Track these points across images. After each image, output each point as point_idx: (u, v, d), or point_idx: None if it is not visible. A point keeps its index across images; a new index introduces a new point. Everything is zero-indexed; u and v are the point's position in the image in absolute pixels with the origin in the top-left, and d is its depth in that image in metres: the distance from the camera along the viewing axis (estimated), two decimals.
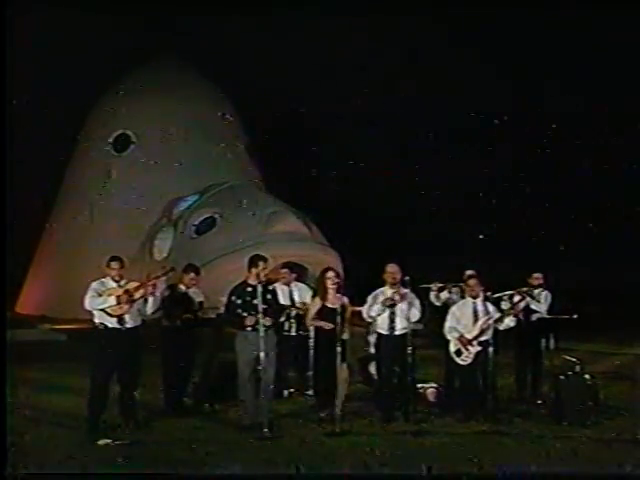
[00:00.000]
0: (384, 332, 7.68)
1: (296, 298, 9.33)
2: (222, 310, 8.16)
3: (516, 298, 8.36)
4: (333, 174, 23.62)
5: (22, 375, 9.48)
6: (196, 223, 18.92)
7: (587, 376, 7.92)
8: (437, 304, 8.82)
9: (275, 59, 22.77)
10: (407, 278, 7.68)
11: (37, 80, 20.27)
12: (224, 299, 7.63)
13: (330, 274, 7.97)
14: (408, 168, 22.94)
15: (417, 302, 7.81)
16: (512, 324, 7.99)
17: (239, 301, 7.36)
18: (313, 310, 8.03)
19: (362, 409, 8.16)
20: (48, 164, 22.41)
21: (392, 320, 7.54)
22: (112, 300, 7.16)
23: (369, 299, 7.85)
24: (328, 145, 23.79)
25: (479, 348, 7.72)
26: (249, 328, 7.22)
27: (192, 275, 8.36)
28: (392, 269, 7.75)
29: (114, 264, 7.35)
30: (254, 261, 7.42)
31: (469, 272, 9.12)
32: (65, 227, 22.12)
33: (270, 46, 22.63)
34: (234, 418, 7.67)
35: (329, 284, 7.88)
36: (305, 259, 15.57)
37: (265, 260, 7.44)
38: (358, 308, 8.03)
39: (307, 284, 9.97)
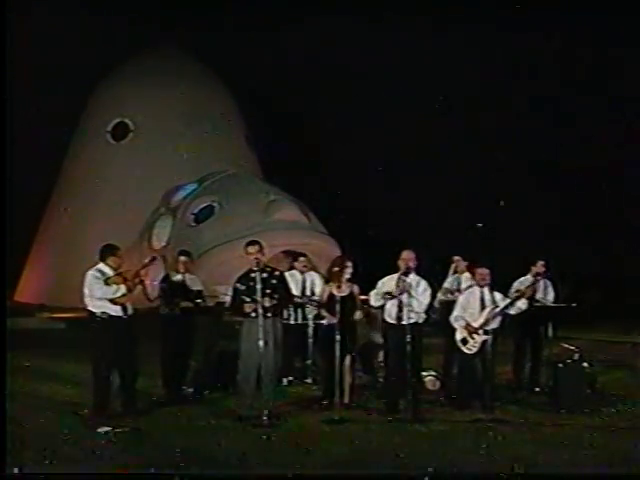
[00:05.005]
0: (391, 321, 7.53)
1: (307, 287, 9.31)
2: (221, 298, 8.15)
3: (530, 280, 8.33)
4: (332, 164, 23.57)
5: (21, 363, 9.49)
6: (195, 211, 18.88)
7: (585, 364, 7.93)
8: None
9: (275, 49, 22.69)
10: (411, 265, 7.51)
11: (35, 69, 20.18)
12: (222, 287, 7.60)
13: (349, 263, 7.94)
14: (408, 160, 22.91)
15: (428, 292, 7.65)
16: (524, 307, 7.90)
17: (242, 287, 7.34)
18: (325, 297, 8.00)
19: (361, 397, 8.18)
20: (47, 152, 22.37)
21: (400, 309, 7.39)
22: (123, 288, 7.15)
23: (378, 284, 7.70)
24: (327, 135, 23.72)
25: (485, 337, 7.65)
26: (252, 314, 7.15)
27: (183, 259, 8.33)
28: (407, 255, 7.53)
29: (119, 252, 7.36)
30: (245, 247, 7.43)
31: (456, 258, 9.13)
32: (64, 216, 22.09)
33: (271, 36, 22.56)
34: (232, 407, 7.67)
35: (347, 272, 7.86)
36: (304, 247, 15.47)
37: (255, 244, 7.38)
38: (364, 297, 7.99)
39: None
